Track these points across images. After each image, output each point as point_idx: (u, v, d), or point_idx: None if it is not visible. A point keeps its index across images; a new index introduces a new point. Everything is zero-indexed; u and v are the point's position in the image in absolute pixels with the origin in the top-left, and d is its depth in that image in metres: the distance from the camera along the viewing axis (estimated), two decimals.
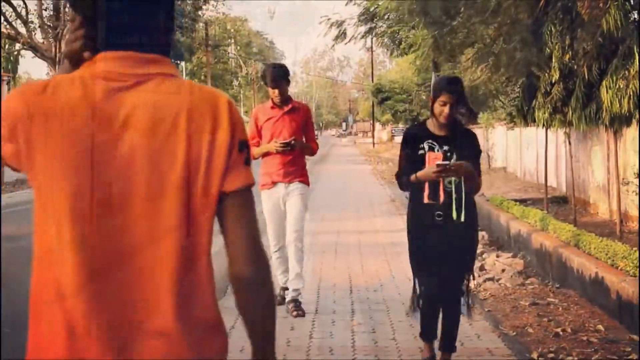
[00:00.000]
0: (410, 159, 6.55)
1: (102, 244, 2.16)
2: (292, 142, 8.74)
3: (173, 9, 2.49)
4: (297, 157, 9.07)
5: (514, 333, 8.04)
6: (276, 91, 9.00)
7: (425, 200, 6.42)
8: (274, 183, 8.99)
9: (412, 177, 6.39)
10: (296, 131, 9.00)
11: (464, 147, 6.52)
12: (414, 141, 6.60)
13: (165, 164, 2.20)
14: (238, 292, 2.35)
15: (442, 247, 6.48)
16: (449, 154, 6.36)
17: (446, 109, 6.35)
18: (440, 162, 6.22)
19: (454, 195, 6.35)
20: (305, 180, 9.20)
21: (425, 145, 6.44)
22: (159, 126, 2.20)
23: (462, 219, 6.34)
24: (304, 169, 9.31)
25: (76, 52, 2.37)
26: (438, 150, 6.39)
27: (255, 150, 8.86)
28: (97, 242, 2.15)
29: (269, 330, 2.43)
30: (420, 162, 6.39)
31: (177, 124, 2.21)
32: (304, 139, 9.21)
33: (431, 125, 6.62)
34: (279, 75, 9.03)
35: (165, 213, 2.19)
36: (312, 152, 9.44)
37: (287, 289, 9.15)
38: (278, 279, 9.16)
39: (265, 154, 8.98)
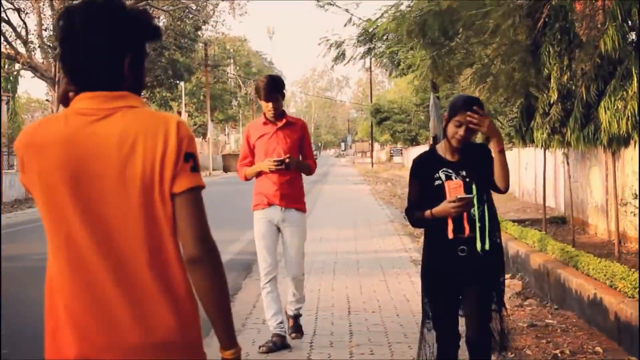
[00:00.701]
0: (424, 192, 5.81)
1: (86, 242, 2.82)
2: (287, 159, 8.05)
3: (141, 50, 3.05)
4: (294, 177, 8.40)
5: (512, 355, 7.99)
6: (270, 105, 8.25)
7: (450, 236, 5.66)
8: (269, 204, 8.31)
9: (427, 213, 5.67)
10: (292, 148, 8.32)
11: (482, 166, 5.79)
12: (426, 171, 5.84)
13: (129, 178, 2.81)
14: (192, 275, 2.89)
15: (466, 283, 5.79)
16: (468, 180, 5.68)
17: (461, 131, 5.65)
18: (462, 195, 5.52)
19: (477, 225, 5.66)
20: (302, 208, 8.56)
21: (442, 175, 5.73)
22: (122, 147, 2.82)
23: (487, 246, 5.65)
24: (302, 192, 8.60)
25: (62, 95, 3.10)
26: (456, 178, 5.70)
27: (247, 170, 8.42)
28: (81, 241, 2.82)
29: (223, 307, 2.94)
30: (437, 194, 5.66)
31: (136, 144, 2.82)
32: (300, 158, 8.53)
33: (442, 150, 5.90)
34: (273, 88, 8.30)
35: (132, 217, 2.83)
36: (310, 171, 8.67)
37: (279, 335, 8.19)
38: (268, 323, 8.36)
39: (259, 174, 8.34)
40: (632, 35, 10.68)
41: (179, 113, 72.71)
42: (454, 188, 5.64)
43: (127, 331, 2.78)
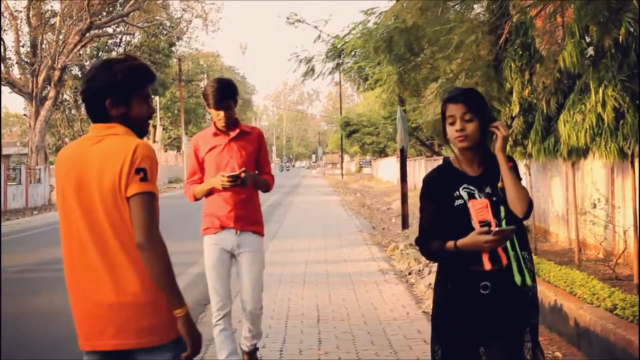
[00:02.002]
0: (440, 215, 4.58)
1: (84, 229, 3.83)
2: (243, 174, 6.75)
3: (124, 94, 3.91)
4: (250, 195, 7.08)
5: None
6: (221, 113, 6.89)
7: (487, 267, 4.44)
8: (222, 227, 7.01)
9: (450, 244, 4.44)
10: (247, 162, 6.99)
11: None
12: (443, 189, 4.61)
13: (104, 186, 3.76)
14: (142, 259, 3.72)
15: (489, 333, 4.57)
16: (495, 198, 4.51)
17: (457, 126, 4.51)
18: (499, 228, 4.38)
19: (511, 253, 4.47)
20: (260, 230, 7.19)
21: (463, 192, 4.54)
22: (102, 164, 3.78)
23: (529, 281, 4.51)
24: (259, 212, 7.30)
25: None
26: (480, 196, 4.51)
27: (196, 189, 7.09)
28: (80, 228, 3.84)
29: (163, 283, 3.72)
30: (458, 217, 4.50)
31: (109, 162, 3.77)
32: (256, 172, 7.19)
33: (458, 163, 4.68)
34: (224, 94, 6.91)
35: (108, 213, 3.78)
36: (268, 187, 7.27)
37: None
38: None
39: (210, 192, 7.04)
40: (590, 51, 10.75)
41: (154, 127, 72.55)
42: (479, 209, 4.50)
43: (108, 292, 3.78)
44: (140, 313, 3.77)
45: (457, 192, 4.54)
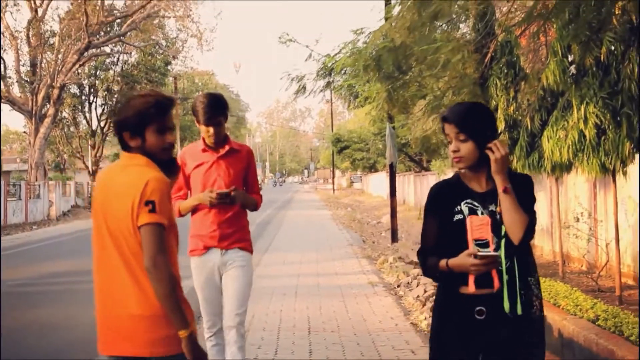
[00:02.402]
0: (442, 229, 4.27)
1: (110, 246, 4.13)
2: (233, 192, 6.35)
3: (138, 128, 4.16)
4: (237, 214, 6.58)
5: None
6: (211, 129, 6.44)
7: (472, 290, 4.09)
8: (207, 248, 6.58)
9: (442, 263, 4.15)
10: (235, 180, 6.55)
11: (519, 200, 4.17)
12: (445, 203, 4.28)
13: (122, 212, 4.04)
14: (150, 281, 3.99)
15: (491, 357, 4.20)
16: (498, 217, 4.15)
17: (452, 147, 4.23)
18: (483, 252, 4.03)
19: (505, 277, 4.07)
20: (247, 247, 6.67)
21: (464, 207, 4.21)
22: (121, 194, 4.08)
23: (520, 310, 4.07)
24: (246, 230, 6.78)
25: None
26: (482, 213, 4.16)
27: (182, 204, 6.66)
28: (107, 244, 4.14)
29: (169, 307, 3.96)
30: (456, 233, 4.16)
31: (126, 192, 4.05)
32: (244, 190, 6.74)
33: (467, 177, 4.33)
34: (214, 109, 6.44)
35: (127, 235, 4.06)
36: (256, 207, 6.82)
37: None
38: None
39: (195, 209, 6.64)
40: (572, 69, 10.78)
41: None
42: (478, 226, 4.13)
43: (130, 305, 4.06)
44: (156, 325, 4.04)
45: (458, 207, 4.21)
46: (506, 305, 4.05)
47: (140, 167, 4.10)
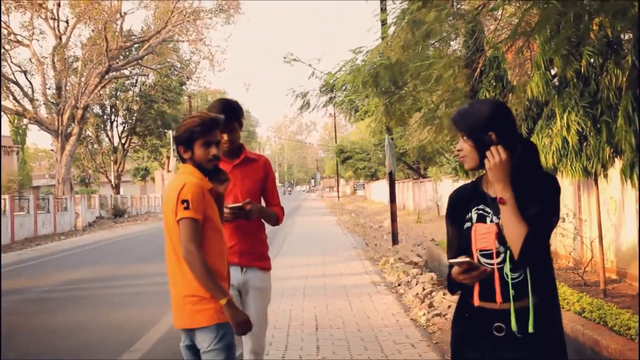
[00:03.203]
0: (457, 237, 3.74)
1: (169, 239, 4.65)
2: (248, 205, 5.50)
3: (187, 143, 4.67)
4: (256, 227, 5.77)
5: (448, 358, 8.02)
6: (225, 137, 5.55)
7: (477, 303, 3.55)
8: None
9: (453, 272, 3.57)
10: (252, 191, 5.75)
11: (530, 203, 3.46)
12: (459, 209, 3.74)
13: (170, 210, 4.56)
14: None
15: None
16: None
17: (458, 145, 3.73)
18: (454, 261, 3.53)
19: (511, 293, 3.45)
20: (266, 266, 5.86)
21: (474, 214, 3.64)
22: (169, 195, 4.60)
23: (531, 329, 3.41)
24: (265, 245, 5.94)
25: None
26: (492, 220, 3.57)
27: None
28: (168, 238, 4.68)
29: (205, 285, 4.44)
30: (466, 241, 3.63)
31: (171, 194, 4.57)
32: (262, 203, 5.96)
33: (486, 181, 3.71)
34: (229, 115, 5.52)
35: (174, 233, 4.56)
36: (277, 221, 5.96)
37: None
38: None
39: None
40: (555, 81, 10.79)
41: (168, 158, 72.51)
42: (483, 234, 3.57)
43: (181, 288, 4.59)
44: (193, 301, 4.54)
45: (470, 214, 3.66)
46: (513, 323, 3.43)
47: (184, 174, 4.61)
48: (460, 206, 3.73)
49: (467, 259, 3.51)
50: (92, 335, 10.79)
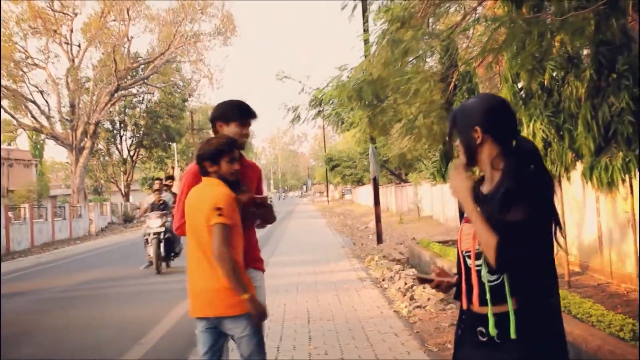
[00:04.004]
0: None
1: (193, 240, 4.88)
2: (270, 201, 5.42)
3: (214, 158, 4.89)
4: (250, 233, 5.36)
5: (437, 349, 7.99)
6: (247, 129, 5.30)
7: (464, 306, 3.24)
8: None
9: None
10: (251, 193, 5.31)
11: (512, 205, 2.93)
12: (462, 209, 3.29)
13: (202, 217, 4.74)
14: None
15: None
16: None
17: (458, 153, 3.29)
18: (420, 275, 3.48)
19: (488, 296, 3.05)
20: (261, 267, 5.57)
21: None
22: (202, 203, 4.79)
23: (513, 334, 2.95)
24: (257, 248, 5.57)
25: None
26: None
27: None
28: (192, 240, 4.90)
29: (231, 282, 4.65)
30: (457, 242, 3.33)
31: (205, 202, 4.76)
32: None
33: (485, 177, 3.26)
34: (250, 108, 5.39)
35: (204, 233, 4.75)
36: (274, 219, 5.54)
37: None
38: None
39: None
40: (522, 93, 10.81)
41: (172, 168, 72.43)
42: (466, 235, 3.21)
43: (209, 281, 4.76)
44: (225, 295, 4.72)
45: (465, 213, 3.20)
46: (491, 327, 3.02)
47: (214, 186, 4.83)
48: (460, 206, 3.27)
49: (419, 275, 3.48)
50: (105, 331, 10.75)
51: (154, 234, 17.75)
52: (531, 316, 2.97)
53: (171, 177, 21.18)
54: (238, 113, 5.29)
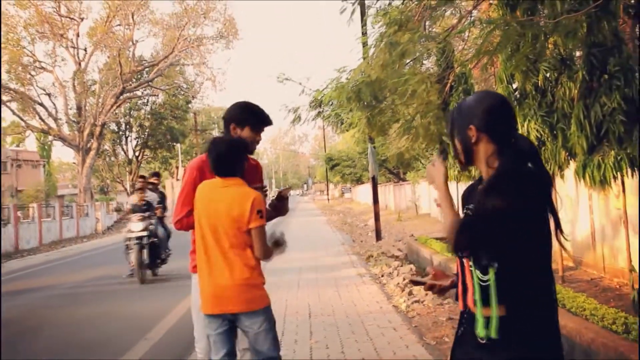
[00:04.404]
0: None
1: (210, 239, 4.69)
2: (289, 194, 5.63)
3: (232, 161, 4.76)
4: None
5: (435, 342, 7.99)
6: (260, 136, 5.20)
7: (460, 306, 3.11)
8: None
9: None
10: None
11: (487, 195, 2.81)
12: (463, 206, 3.15)
13: (230, 217, 4.62)
14: (260, 259, 4.72)
15: None
16: None
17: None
18: (413, 278, 3.48)
19: (477, 296, 2.89)
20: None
21: (465, 212, 3.07)
22: (234, 202, 4.64)
23: (494, 332, 2.81)
24: None
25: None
26: None
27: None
28: (208, 240, 4.69)
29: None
30: None
31: (239, 202, 4.63)
32: None
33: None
34: (268, 116, 5.25)
35: (230, 232, 4.65)
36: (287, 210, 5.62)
37: None
38: None
39: None
40: (516, 94, 10.81)
41: (177, 168, 72.46)
42: None
43: (227, 278, 4.61)
44: (244, 290, 4.63)
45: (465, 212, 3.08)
46: (479, 328, 2.87)
47: (242, 187, 4.74)
48: (463, 204, 3.16)
49: (414, 278, 3.46)
50: (112, 326, 10.76)
51: (135, 238, 15.71)
52: (521, 316, 2.80)
53: (157, 174, 18.79)
54: (254, 119, 5.13)
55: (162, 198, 17.60)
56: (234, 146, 4.81)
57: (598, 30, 7.80)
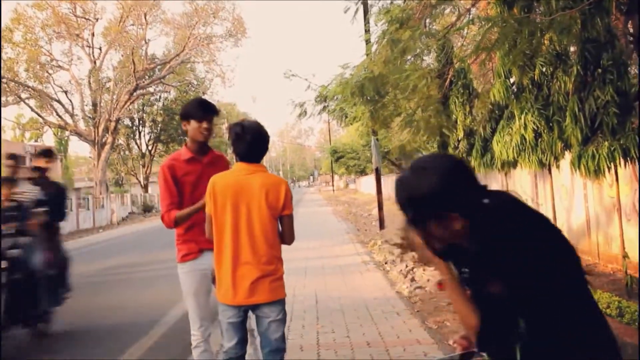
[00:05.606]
0: None
1: (235, 229, 4.46)
2: None
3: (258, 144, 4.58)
4: None
5: (436, 326, 7.99)
6: (205, 124, 5.29)
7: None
8: (201, 251, 5.24)
9: None
10: None
11: (483, 272, 2.34)
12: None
13: (262, 204, 4.44)
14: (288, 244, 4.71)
15: None
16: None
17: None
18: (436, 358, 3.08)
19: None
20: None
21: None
22: (266, 188, 4.45)
23: None
24: None
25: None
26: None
27: (179, 214, 5.15)
28: (234, 228, 4.47)
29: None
30: None
31: (272, 187, 4.47)
32: None
33: None
34: (209, 104, 5.43)
35: (260, 220, 4.46)
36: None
37: None
38: None
39: (191, 218, 5.17)
40: (514, 88, 10.80)
41: None
42: None
43: (252, 267, 4.44)
44: (271, 281, 4.49)
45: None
46: None
47: (269, 173, 4.60)
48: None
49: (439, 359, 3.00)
50: (127, 312, 10.79)
51: None
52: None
53: (48, 153, 9.76)
54: (195, 110, 5.32)
55: (55, 196, 9.49)
56: (265, 131, 4.64)
57: (592, 27, 7.78)
